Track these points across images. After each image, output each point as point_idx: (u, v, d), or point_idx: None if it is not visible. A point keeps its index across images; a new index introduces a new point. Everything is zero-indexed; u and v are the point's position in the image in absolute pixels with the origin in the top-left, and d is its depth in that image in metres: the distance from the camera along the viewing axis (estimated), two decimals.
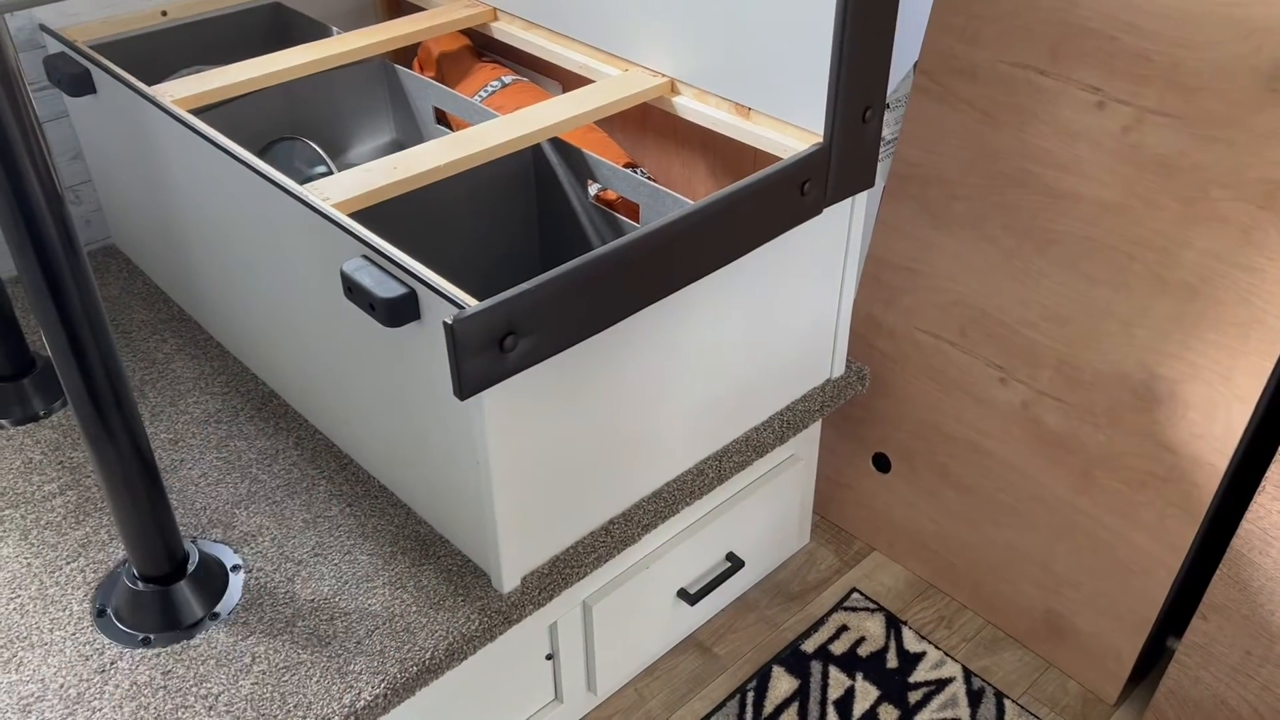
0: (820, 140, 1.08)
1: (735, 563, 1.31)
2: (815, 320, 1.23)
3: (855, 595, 1.40)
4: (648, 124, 1.37)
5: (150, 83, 1.36)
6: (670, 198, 1.16)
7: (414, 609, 1.01)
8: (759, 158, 1.26)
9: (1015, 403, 1.25)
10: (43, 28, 1.35)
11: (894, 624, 1.36)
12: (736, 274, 1.08)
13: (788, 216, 1.08)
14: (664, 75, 1.24)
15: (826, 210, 1.13)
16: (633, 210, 1.24)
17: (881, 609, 1.38)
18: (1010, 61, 1.15)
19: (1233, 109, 1.01)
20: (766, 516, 1.35)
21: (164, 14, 1.45)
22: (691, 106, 1.21)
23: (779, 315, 1.17)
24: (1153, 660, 1.31)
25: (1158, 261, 1.10)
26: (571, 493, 1.04)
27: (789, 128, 1.12)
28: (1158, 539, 1.16)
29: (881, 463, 1.42)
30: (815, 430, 1.39)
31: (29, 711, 0.91)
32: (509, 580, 1.02)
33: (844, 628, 1.35)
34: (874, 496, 1.45)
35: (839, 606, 1.38)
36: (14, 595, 1.01)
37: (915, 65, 1.24)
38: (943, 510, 1.37)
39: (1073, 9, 1.09)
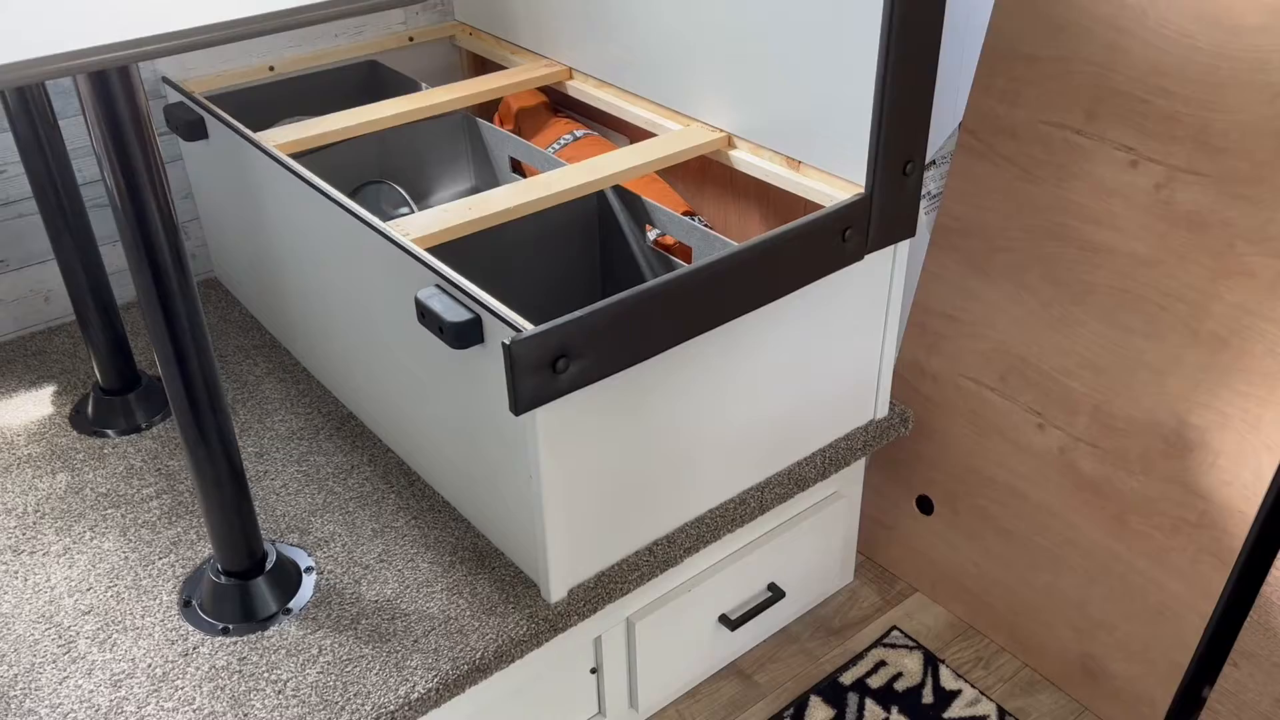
0: (862, 191, 1.16)
1: (776, 593, 1.37)
2: (858, 361, 1.29)
3: (895, 633, 1.44)
4: (706, 175, 1.46)
5: (256, 130, 1.50)
6: (721, 241, 1.24)
7: (468, 613, 1.08)
8: (808, 208, 1.33)
9: (1052, 448, 1.29)
10: (165, 80, 1.50)
11: (932, 662, 1.39)
12: (781, 313, 1.15)
13: (829, 261, 1.15)
14: (722, 130, 1.33)
15: (868, 257, 1.20)
16: (687, 254, 1.33)
17: (920, 647, 1.41)
18: (1049, 121, 1.21)
19: (1259, 168, 1.06)
20: (809, 551, 1.41)
21: (271, 69, 1.60)
22: (746, 159, 1.30)
23: (822, 354, 1.23)
24: (1189, 709, 1.32)
25: (1189, 313, 1.14)
26: (617, 511, 1.11)
27: (836, 180, 1.20)
28: (1190, 584, 1.19)
29: (925, 505, 1.47)
30: (858, 469, 1.44)
31: (119, 687, 1.01)
32: (556, 591, 1.10)
33: (882, 663, 1.39)
34: (917, 538, 1.49)
35: (878, 642, 1.42)
36: (112, 584, 1.12)
37: (960, 124, 1.31)
38: (983, 553, 1.41)
39: (1108, 73, 1.15)
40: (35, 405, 1.38)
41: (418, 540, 1.17)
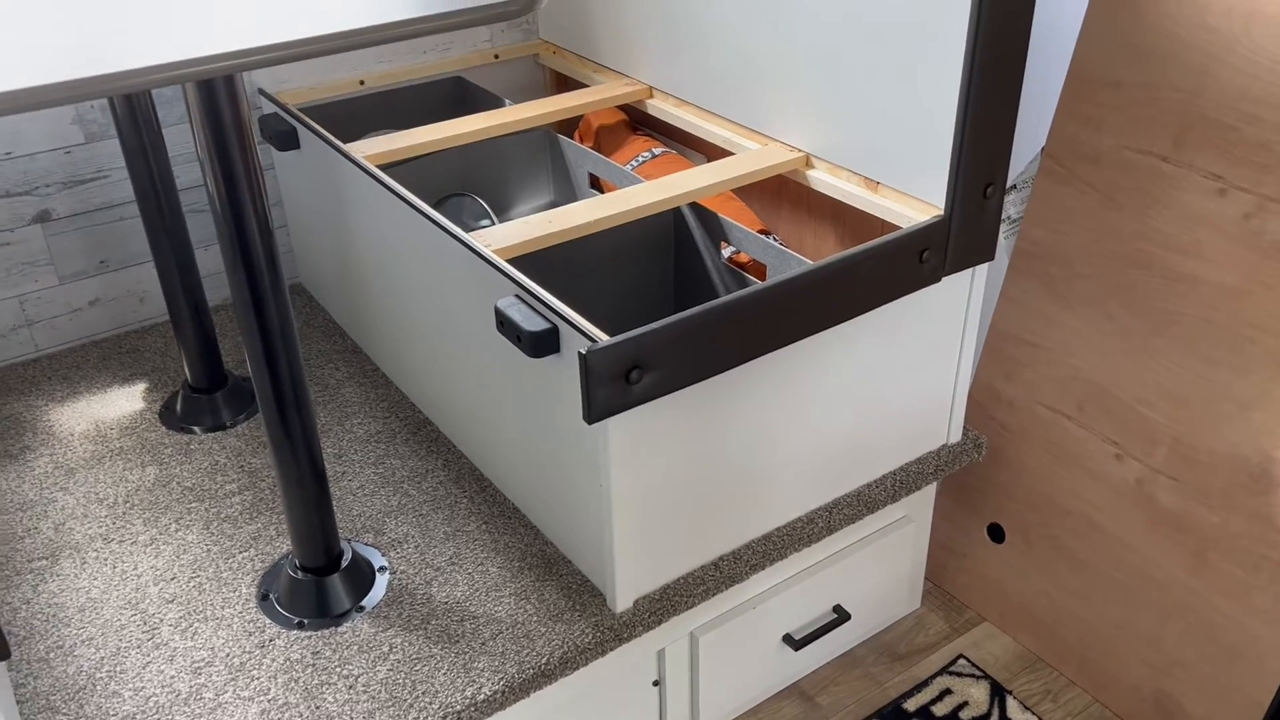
0: (941, 213, 1.16)
1: (842, 615, 1.36)
2: (932, 385, 1.28)
3: (961, 661, 1.42)
4: (783, 194, 1.46)
5: (346, 142, 1.54)
6: (796, 260, 1.25)
7: (535, 619, 1.10)
8: (885, 229, 1.33)
9: (1130, 480, 1.26)
10: (260, 91, 1.56)
11: (999, 692, 1.37)
12: (856, 332, 1.15)
13: (905, 282, 1.15)
14: (800, 150, 1.34)
15: (946, 280, 1.20)
16: (762, 272, 1.34)
17: (987, 677, 1.39)
18: (1134, 148, 1.20)
19: None
20: (876, 574, 1.40)
21: (361, 83, 1.65)
22: (824, 179, 1.31)
23: (896, 376, 1.23)
24: None
25: (1277, 346, 1.11)
26: (685, 525, 1.12)
27: (914, 201, 1.20)
28: (1272, 623, 1.15)
29: (996, 533, 1.45)
30: (929, 494, 1.43)
31: (199, 673, 1.05)
32: (622, 601, 1.11)
33: (948, 691, 1.37)
34: (987, 566, 1.47)
35: (945, 670, 1.40)
36: (194, 575, 1.16)
37: (1042, 149, 1.30)
38: (1055, 584, 1.38)
39: (1196, 100, 1.13)
40: (128, 401, 1.44)
41: (488, 545, 1.19)
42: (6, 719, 0.76)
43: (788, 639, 1.32)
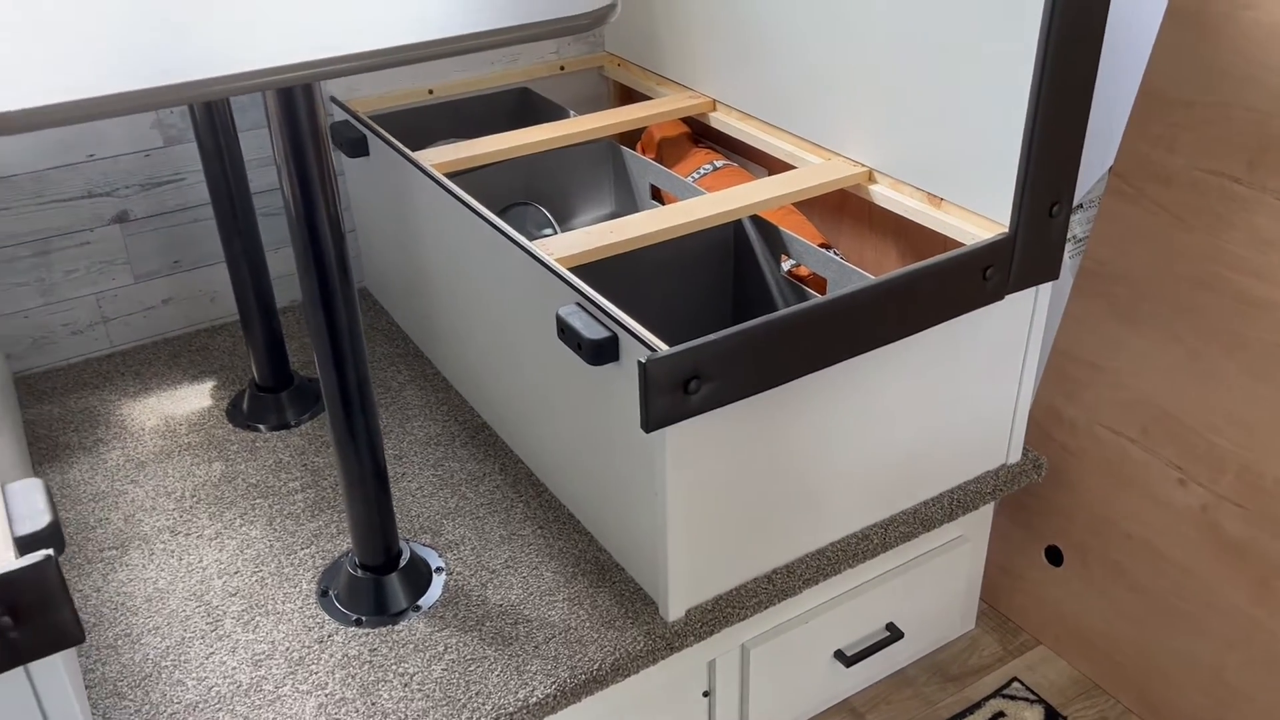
0: (1006, 231, 1.15)
1: (894, 633, 1.35)
2: (993, 404, 1.27)
3: (1015, 684, 1.40)
4: (845, 209, 1.46)
5: (414, 150, 1.57)
6: (857, 274, 1.24)
7: (588, 624, 1.11)
8: (948, 245, 1.32)
9: (1194, 506, 1.24)
10: (332, 99, 1.60)
11: (1054, 717, 1.35)
12: (916, 348, 1.15)
13: (968, 299, 1.14)
14: (863, 165, 1.34)
15: (1009, 298, 1.19)
16: (821, 286, 1.34)
17: (1042, 701, 1.37)
18: (1206, 169, 1.18)
19: None
20: (931, 593, 1.38)
21: (430, 92, 1.68)
22: (886, 194, 1.30)
23: (956, 394, 1.22)
24: None
25: None
26: (739, 536, 1.12)
27: (978, 218, 1.19)
28: None
29: (1054, 556, 1.43)
30: (986, 514, 1.41)
31: (260, 665, 1.07)
32: (675, 610, 1.11)
33: (1001, 714, 1.35)
34: (1044, 589, 1.45)
35: (998, 693, 1.38)
36: (257, 570, 1.19)
37: (1110, 169, 1.29)
38: (1114, 609, 1.36)
39: (1271, 121, 1.11)
40: (196, 398, 1.48)
41: (543, 549, 1.21)
42: (76, 703, 0.79)
43: (839, 655, 1.31)
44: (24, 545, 0.76)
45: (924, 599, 1.38)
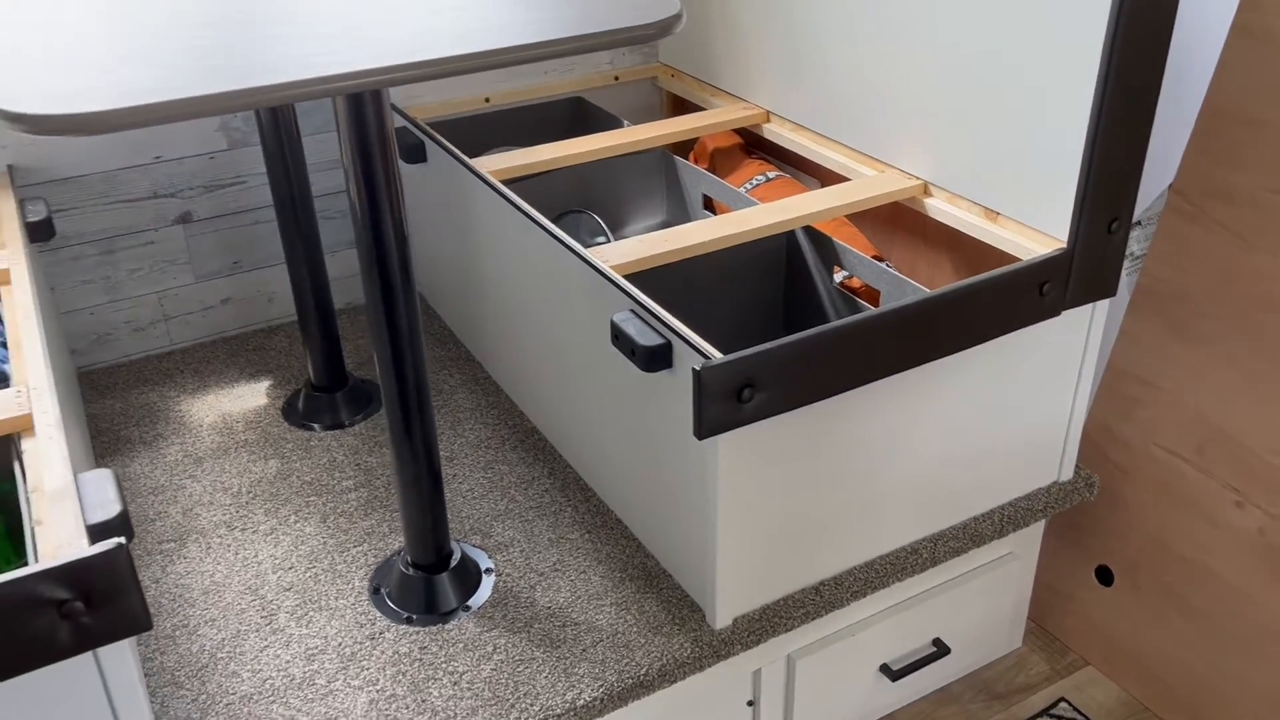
0: (1064, 246, 1.14)
1: (941, 649, 1.34)
2: (1046, 421, 1.26)
3: (1063, 704, 1.38)
4: (898, 222, 1.46)
5: (471, 156, 1.60)
6: (911, 286, 1.24)
7: (635, 629, 1.12)
8: (1003, 260, 1.31)
9: (1251, 529, 1.22)
10: (392, 106, 1.62)
11: None
12: (970, 363, 1.15)
13: (1024, 314, 1.13)
14: (918, 178, 1.34)
15: (1065, 314, 1.18)
16: (874, 298, 1.33)
17: None
18: (1270, 188, 1.16)
19: None
20: (978, 610, 1.37)
21: (487, 100, 1.70)
22: (942, 208, 1.30)
23: (1009, 410, 1.21)
24: None
25: None
26: (788, 546, 1.12)
27: (1035, 233, 1.19)
28: None
29: (1104, 576, 1.41)
30: (1037, 532, 1.40)
31: (313, 660, 1.09)
32: (722, 618, 1.11)
33: None
34: (1094, 609, 1.43)
35: (1045, 713, 1.37)
36: (311, 566, 1.21)
37: (1170, 186, 1.27)
38: (1166, 632, 1.34)
39: None
40: (253, 396, 1.51)
41: (590, 554, 1.22)
42: (137, 690, 0.81)
43: (885, 669, 1.31)
44: (95, 533, 0.78)
45: (972, 615, 1.37)
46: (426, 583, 1.15)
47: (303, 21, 0.87)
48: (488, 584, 1.18)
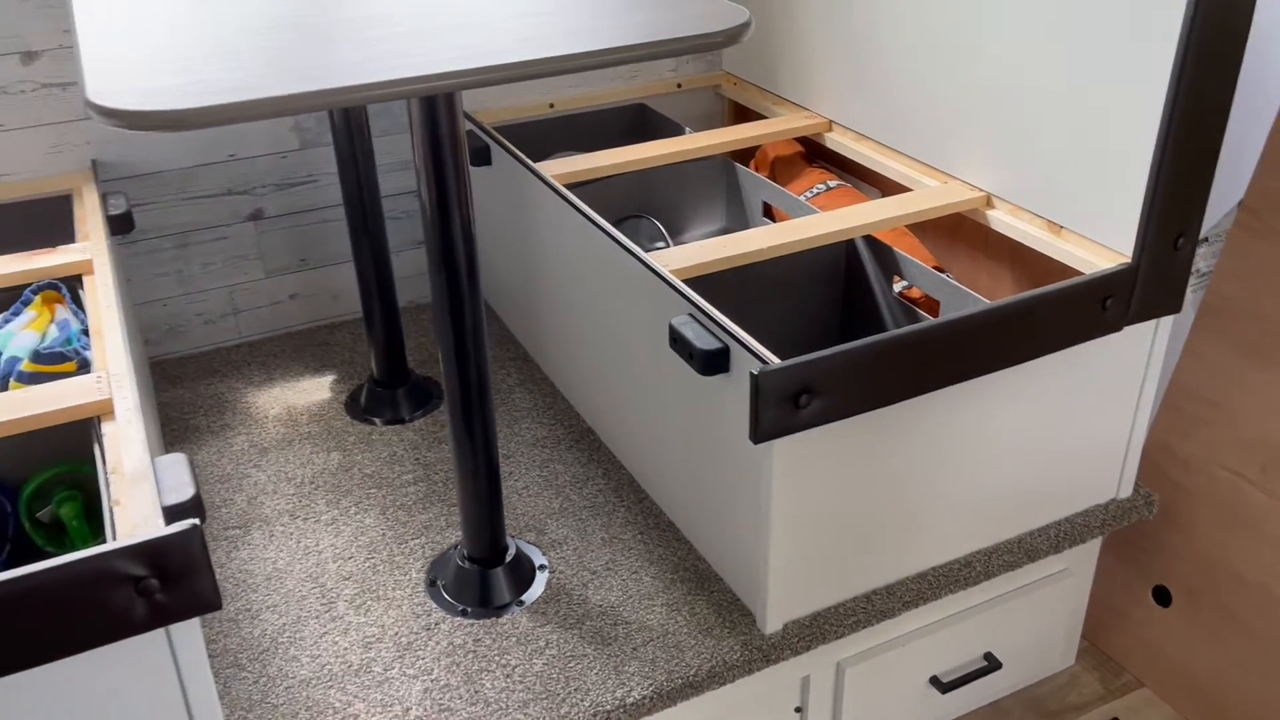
0: (1128, 261, 1.13)
1: (992, 663, 1.33)
2: (1105, 437, 1.25)
3: None
4: (959, 234, 1.45)
5: (534, 161, 1.62)
6: (971, 298, 1.24)
7: (685, 631, 1.13)
8: (1066, 274, 1.30)
9: None
10: None
11: None
12: (1029, 375, 1.14)
13: (1085, 328, 1.13)
14: (980, 190, 1.33)
15: (1127, 330, 1.17)
16: (934, 308, 1.33)
17: None
18: None
19: None
20: (1031, 625, 1.36)
21: (551, 106, 1.73)
22: (1004, 220, 1.30)
23: (1067, 424, 1.20)
24: None
25: None
26: (841, 554, 1.13)
27: (1099, 248, 1.18)
28: None
29: (1162, 596, 1.39)
30: (1093, 549, 1.38)
31: (370, 648, 1.12)
32: (772, 623, 1.12)
33: None
34: (1150, 630, 1.41)
35: None
36: (369, 556, 1.24)
37: (1239, 203, 1.26)
38: (1225, 656, 1.32)
39: None
40: (317, 390, 1.54)
41: (643, 555, 1.23)
42: (205, 668, 0.83)
43: (935, 681, 1.30)
44: (170, 514, 0.81)
45: (1024, 631, 1.36)
46: (482, 576, 1.17)
47: (377, 25, 0.90)
48: (541, 580, 1.19)
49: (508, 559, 1.18)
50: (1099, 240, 1.18)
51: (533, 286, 1.54)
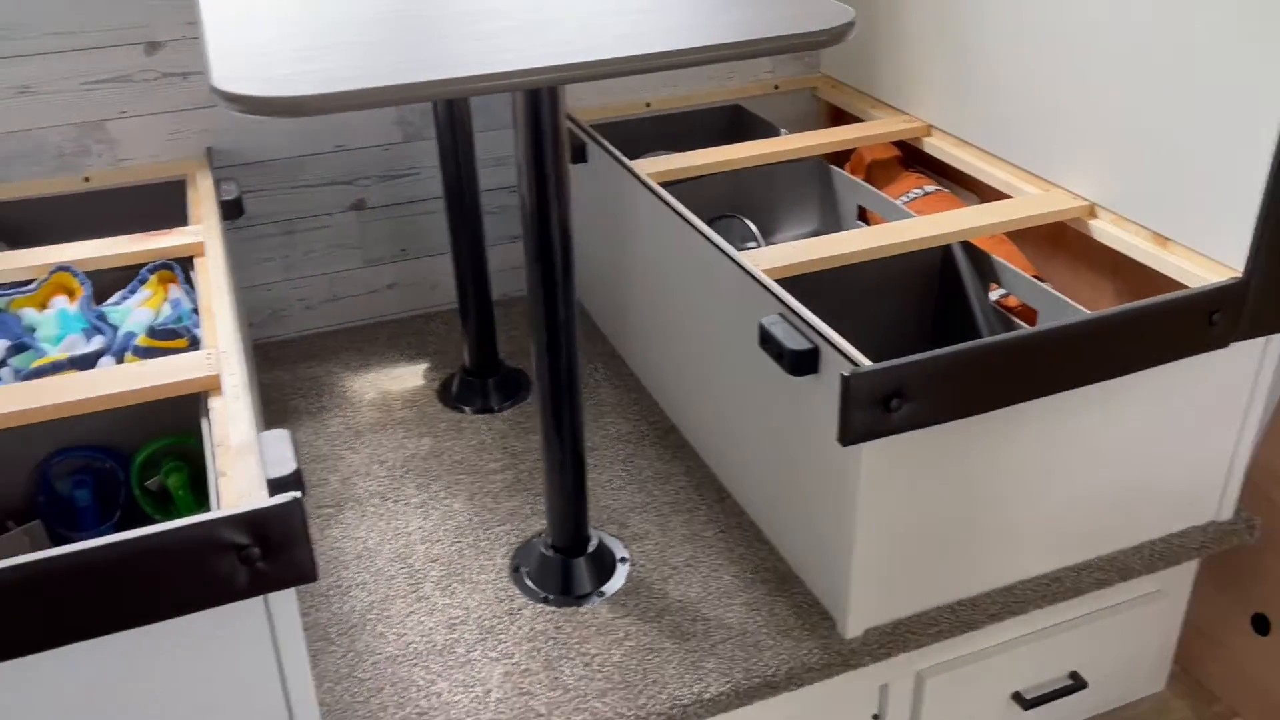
0: (1239, 275, 1.10)
1: (1078, 683, 1.30)
2: (1207, 455, 1.21)
3: None
4: (1060, 243, 1.42)
5: (629, 159, 1.64)
6: (1071, 308, 1.21)
7: (764, 631, 1.12)
8: (1171, 288, 1.27)
9: None
10: None
11: None
12: (1129, 389, 1.11)
13: (1190, 343, 1.09)
14: (1084, 199, 1.30)
15: (1234, 346, 1.13)
16: (1031, 318, 1.31)
17: None
18: None
19: None
20: (1120, 646, 1.32)
21: (647, 105, 1.74)
22: (1108, 230, 1.27)
23: (1167, 441, 1.17)
24: None
25: None
26: (926, 562, 1.11)
27: (1208, 261, 1.15)
28: None
29: (1261, 624, 1.34)
30: (1188, 571, 1.34)
31: (454, 629, 1.14)
32: (853, 628, 1.11)
33: None
34: (1247, 659, 1.36)
35: None
36: (456, 540, 1.26)
37: None
38: None
39: None
40: (411, 377, 1.58)
41: (723, 553, 1.23)
42: (300, 637, 0.86)
43: (1017, 697, 1.28)
44: (273, 487, 0.84)
45: (1112, 651, 1.32)
46: (564, 565, 1.18)
47: (480, 19, 0.92)
48: (622, 572, 1.20)
49: (590, 550, 1.20)
50: (1207, 253, 1.14)
51: (622, 283, 1.55)
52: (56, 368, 1.06)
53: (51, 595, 0.74)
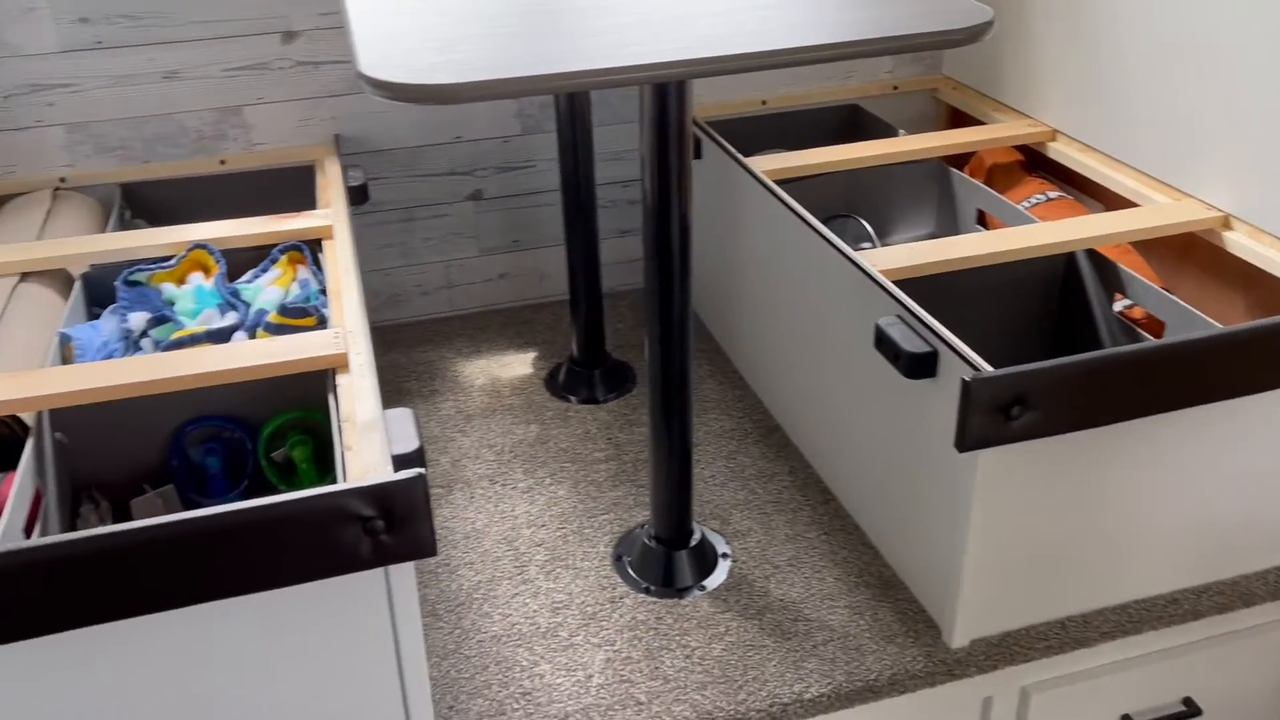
0: None
1: (1192, 709, 1.25)
2: None
3: None
4: (1189, 255, 1.38)
5: (744, 156, 1.64)
6: (1202, 321, 1.17)
7: (867, 635, 1.12)
8: None
9: None
10: None
11: None
12: (1260, 407, 1.07)
13: None
14: (1218, 209, 1.26)
15: None
16: (1157, 330, 1.27)
17: None
18: None
19: None
20: (1239, 675, 1.27)
21: (763, 103, 1.74)
22: (1243, 243, 1.22)
23: None
24: None
25: None
26: (1037, 575, 1.09)
27: None
28: None
29: None
30: None
31: (557, 613, 1.16)
32: (959, 638, 1.09)
33: None
34: None
35: None
36: (560, 527, 1.28)
37: None
38: None
39: None
40: (520, 365, 1.61)
41: (826, 555, 1.22)
42: (416, 610, 0.89)
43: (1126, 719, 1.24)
44: (398, 463, 0.87)
45: (1231, 679, 1.27)
46: (667, 557, 1.19)
47: (607, 14, 0.93)
48: (723, 568, 1.21)
49: (692, 543, 1.20)
50: None
51: (733, 279, 1.55)
52: (194, 340, 1.11)
53: (191, 555, 0.78)
